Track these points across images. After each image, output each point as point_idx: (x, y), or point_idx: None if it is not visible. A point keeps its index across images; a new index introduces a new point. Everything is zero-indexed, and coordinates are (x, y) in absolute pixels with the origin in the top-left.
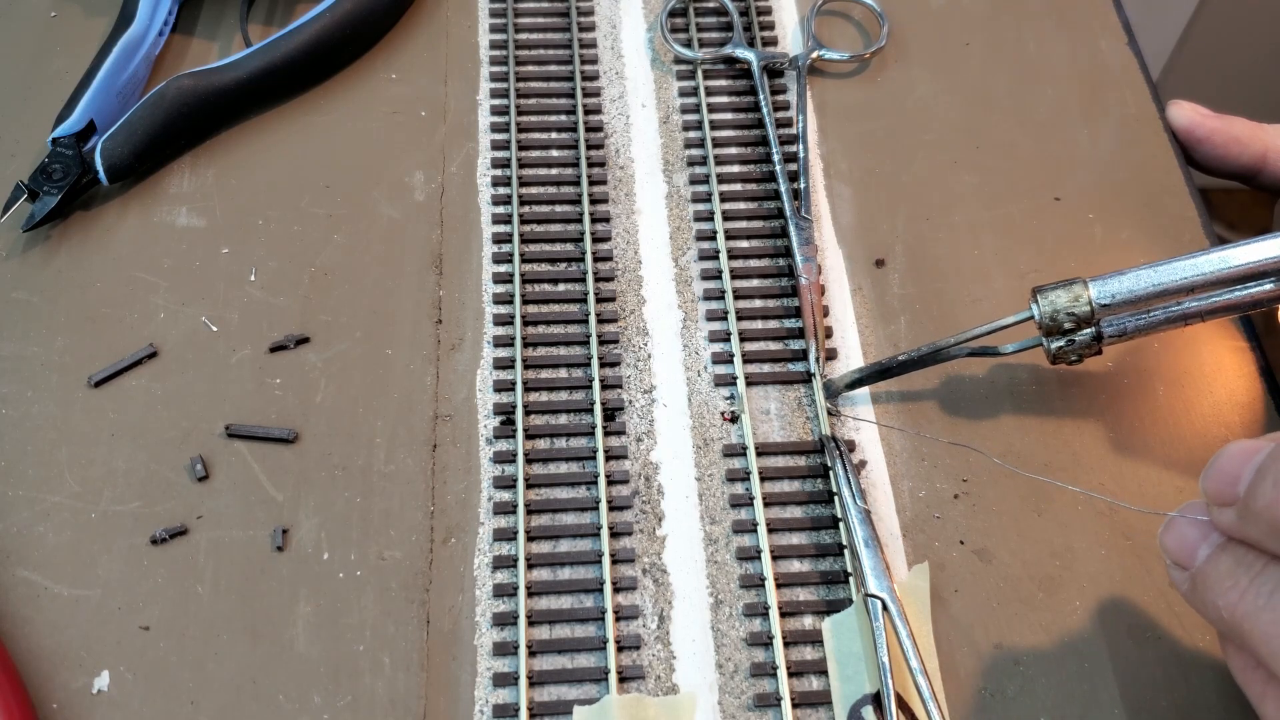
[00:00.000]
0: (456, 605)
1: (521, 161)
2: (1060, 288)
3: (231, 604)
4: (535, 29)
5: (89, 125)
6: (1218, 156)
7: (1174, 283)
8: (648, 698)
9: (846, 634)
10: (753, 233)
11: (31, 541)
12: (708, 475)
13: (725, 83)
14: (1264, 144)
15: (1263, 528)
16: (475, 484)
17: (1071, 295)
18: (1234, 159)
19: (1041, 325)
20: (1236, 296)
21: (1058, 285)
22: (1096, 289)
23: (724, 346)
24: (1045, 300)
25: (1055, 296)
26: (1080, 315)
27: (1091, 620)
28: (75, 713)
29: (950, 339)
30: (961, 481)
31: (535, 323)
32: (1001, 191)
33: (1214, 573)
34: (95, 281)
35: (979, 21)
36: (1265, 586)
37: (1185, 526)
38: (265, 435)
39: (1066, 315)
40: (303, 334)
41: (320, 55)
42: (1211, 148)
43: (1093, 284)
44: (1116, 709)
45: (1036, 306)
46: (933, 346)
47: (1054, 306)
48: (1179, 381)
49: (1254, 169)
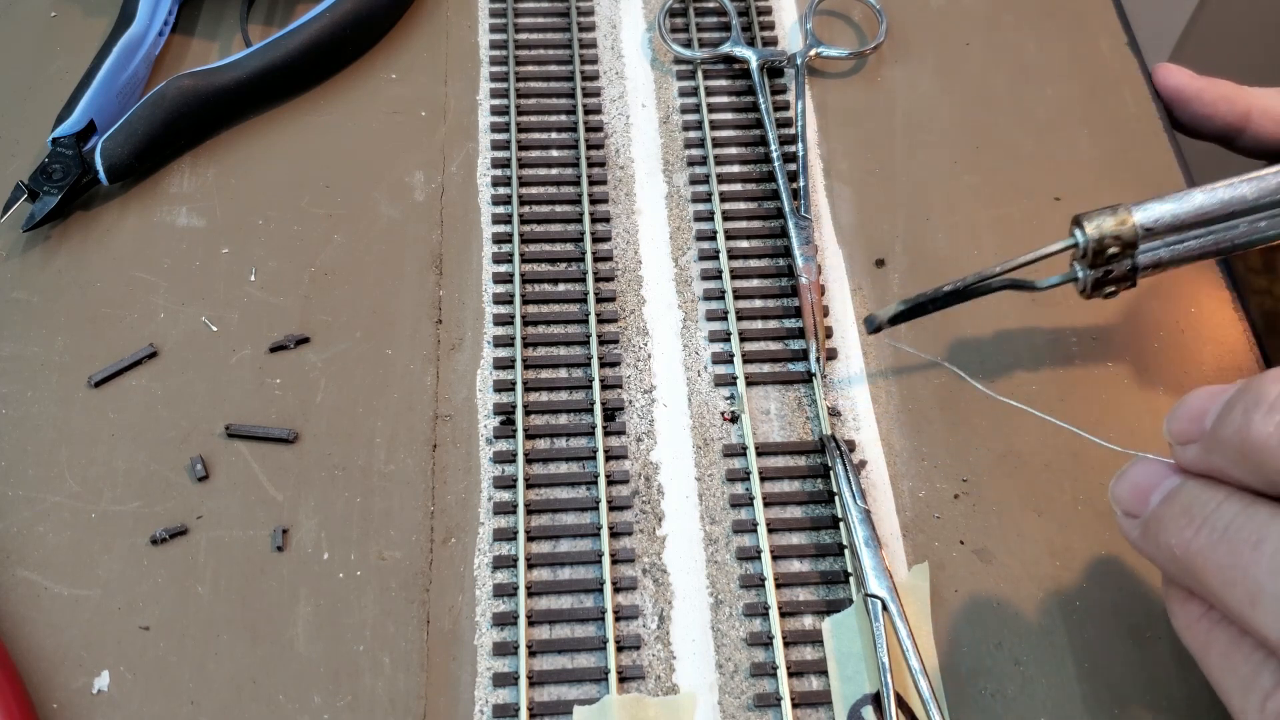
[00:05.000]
0: (456, 605)
1: (521, 161)
2: (1105, 212)
3: (231, 604)
4: (535, 29)
5: (89, 125)
6: (1205, 115)
7: (1215, 204)
8: (648, 698)
9: (846, 634)
10: (753, 233)
11: (31, 541)
12: (708, 475)
13: (725, 82)
14: (1248, 104)
15: (1229, 455)
16: (475, 484)
17: (1118, 219)
18: (1220, 118)
19: (1085, 252)
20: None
21: (1101, 210)
22: (1140, 212)
23: (724, 346)
24: (1092, 225)
25: (1102, 221)
26: (1125, 238)
27: (1091, 620)
28: (75, 713)
29: (993, 268)
30: (961, 481)
31: (535, 323)
32: (1001, 191)
33: (1168, 513)
34: (95, 281)
35: (979, 21)
36: (1221, 520)
37: (1139, 474)
38: (265, 435)
39: (1113, 239)
40: (303, 334)
41: (320, 55)
42: (1200, 105)
43: (1135, 208)
44: (1116, 709)
45: (1081, 232)
46: (977, 276)
47: (1101, 230)
48: (1178, 374)
49: (1238, 128)
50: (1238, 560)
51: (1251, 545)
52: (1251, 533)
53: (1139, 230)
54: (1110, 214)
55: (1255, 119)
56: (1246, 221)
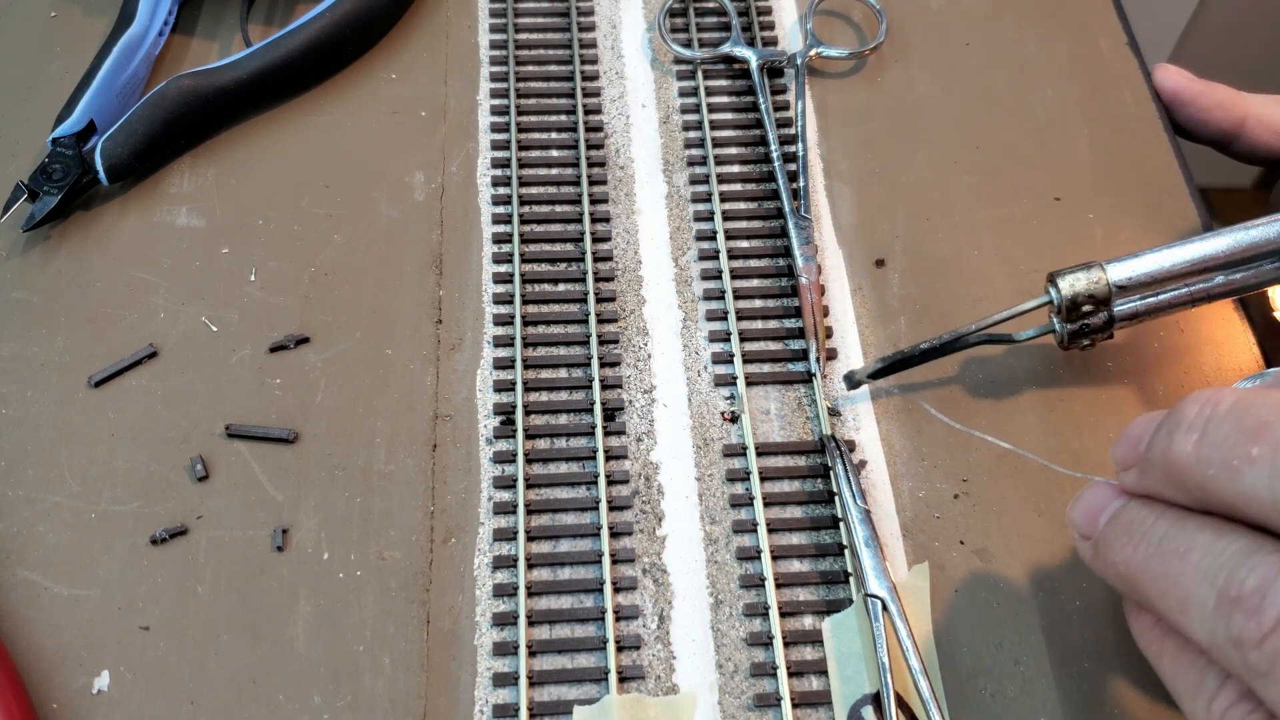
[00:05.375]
0: (456, 605)
1: (521, 161)
2: (1079, 270)
3: (231, 604)
4: (535, 29)
5: (89, 125)
6: (1200, 120)
7: (1188, 263)
8: (648, 698)
9: (846, 634)
10: (753, 233)
11: (31, 541)
12: (708, 475)
13: (725, 82)
14: (1243, 110)
15: (1159, 475)
16: (475, 484)
17: (1091, 278)
18: (1215, 123)
19: (1060, 308)
20: (1242, 277)
21: (1076, 269)
22: (1114, 270)
23: (724, 346)
24: (1065, 283)
25: (1075, 279)
26: (1099, 296)
27: (1091, 620)
28: (75, 713)
29: (969, 326)
30: (961, 481)
31: (535, 323)
32: (1001, 191)
33: (1113, 532)
34: (95, 281)
35: (979, 21)
36: (1155, 535)
37: (1090, 497)
38: (265, 435)
39: (1086, 297)
40: (303, 334)
41: (320, 55)
42: (1196, 110)
43: (1110, 266)
44: (1116, 709)
45: (1055, 290)
46: (953, 334)
47: (1074, 289)
48: (1178, 374)
49: (1232, 134)
50: (1168, 570)
51: (1180, 556)
52: (1180, 544)
53: (1112, 288)
54: (1084, 271)
55: (1250, 126)
56: (1224, 274)
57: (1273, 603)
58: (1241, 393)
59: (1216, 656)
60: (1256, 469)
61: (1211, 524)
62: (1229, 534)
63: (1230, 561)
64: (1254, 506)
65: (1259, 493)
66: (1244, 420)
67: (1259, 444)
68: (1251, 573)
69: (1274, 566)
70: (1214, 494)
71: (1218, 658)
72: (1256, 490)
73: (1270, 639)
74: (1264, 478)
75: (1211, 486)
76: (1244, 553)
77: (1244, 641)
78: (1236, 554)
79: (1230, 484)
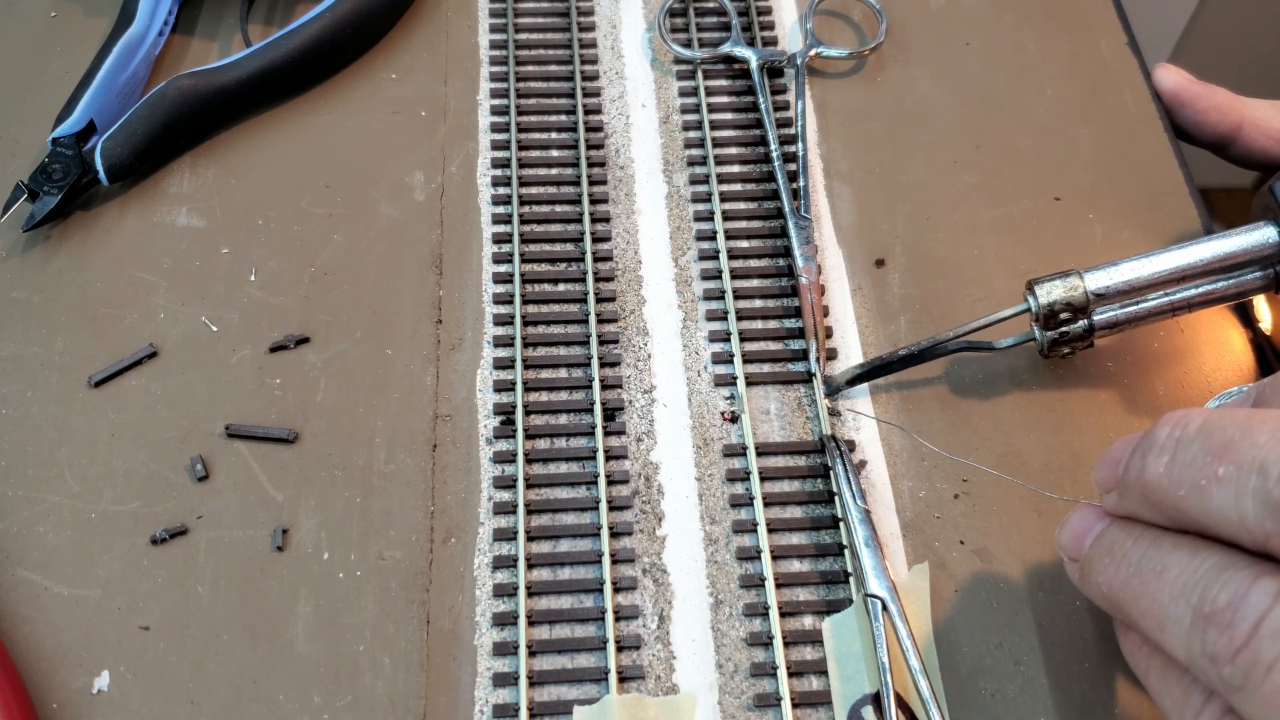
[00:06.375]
0: (456, 605)
1: (521, 161)
2: (1056, 279)
3: (231, 604)
4: (535, 29)
5: (89, 125)
6: (1198, 122)
7: (1166, 272)
8: (648, 698)
9: (846, 634)
10: (753, 233)
11: (31, 541)
12: (708, 475)
13: (725, 82)
14: (1240, 114)
15: (1136, 497)
16: (475, 484)
17: (1068, 285)
18: (1213, 126)
19: (1038, 316)
20: (1223, 286)
21: (1053, 276)
22: (1091, 279)
23: (724, 346)
24: (1043, 290)
25: (1052, 287)
26: (1076, 304)
27: (1091, 620)
28: (75, 713)
29: (948, 333)
30: (961, 481)
31: (535, 323)
32: (1001, 191)
33: (1096, 554)
34: (95, 281)
35: (979, 21)
36: (1135, 555)
37: (1076, 521)
38: (265, 435)
39: (1064, 305)
40: (303, 334)
41: (320, 55)
42: (1194, 112)
43: (1087, 274)
44: (1117, 709)
45: (1033, 298)
46: (931, 340)
47: (1051, 297)
48: (1178, 374)
49: (1229, 138)
50: (1147, 590)
51: (1157, 575)
52: (1157, 564)
53: (1090, 296)
54: (1061, 280)
55: (1246, 130)
56: (1206, 282)
57: (1244, 617)
58: (1210, 413)
59: (1196, 672)
60: (1223, 488)
61: (1187, 543)
62: (1203, 552)
63: (1204, 579)
64: (1223, 525)
65: (1226, 511)
66: (1211, 441)
67: (1224, 464)
68: (1223, 589)
69: (1245, 582)
70: (1186, 514)
71: (1197, 673)
72: (1224, 509)
73: (1242, 653)
74: (1230, 496)
75: (1183, 506)
76: (1216, 570)
77: (1218, 657)
78: (1209, 571)
79: (1200, 504)
